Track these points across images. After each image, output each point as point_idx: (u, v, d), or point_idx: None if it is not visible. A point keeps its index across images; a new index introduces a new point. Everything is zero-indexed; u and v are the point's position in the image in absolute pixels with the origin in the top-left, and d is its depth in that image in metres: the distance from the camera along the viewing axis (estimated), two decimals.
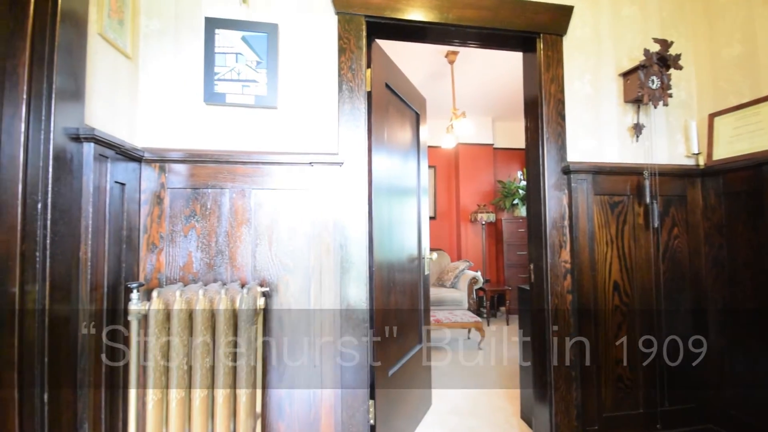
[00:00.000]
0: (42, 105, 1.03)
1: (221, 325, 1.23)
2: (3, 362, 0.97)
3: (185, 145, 1.53)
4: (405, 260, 2.19)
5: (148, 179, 1.47)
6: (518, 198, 5.36)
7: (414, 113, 2.48)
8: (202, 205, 1.51)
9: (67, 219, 1.09)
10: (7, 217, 0.98)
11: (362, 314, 1.58)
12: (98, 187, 1.19)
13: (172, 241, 1.48)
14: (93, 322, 1.17)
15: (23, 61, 1.02)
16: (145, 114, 1.51)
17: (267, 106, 1.57)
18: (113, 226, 1.28)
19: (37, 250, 1.01)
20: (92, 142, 1.15)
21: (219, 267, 1.51)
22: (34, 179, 1.02)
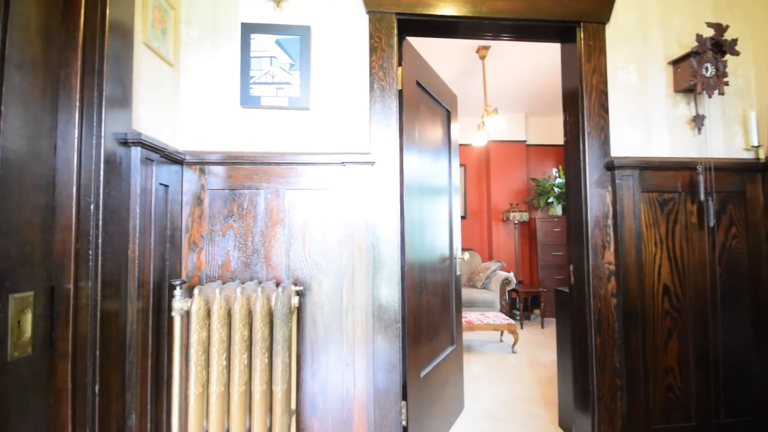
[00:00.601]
0: (93, 111, 1.09)
1: (258, 323, 1.25)
2: (58, 354, 1.03)
3: (223, 147, 1.58)
4: (436, 260, 2.15)
5: (189, 181, 1.53)
6: (553, 196, 5.17)
7: (445, 111, 2.44)
8: (239, 205, 1.55)
9: (117, 219, 1.15)
10: (62, 218, 1.05)
11: (394, 314, 1.57)
12: (144, 189, 1.25)
13: (212, 241, 1.53)
14: (140, 317, 1.23)
15: (75, 70, 1.08)
16: (186, 118, 1.57)
17: (300, 108, 1.59)
18: (158, 226, 1.34)
19: (90, 248, 1.07)
20: (139, 146, 1.21)
21: (255, 266, 1.54)
22: (86, 182, 1.08)
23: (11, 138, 0.92)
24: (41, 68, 1.01)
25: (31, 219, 0.98)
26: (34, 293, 0.98)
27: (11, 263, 0.92)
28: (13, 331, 0.92)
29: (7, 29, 0.90)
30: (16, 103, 0.94)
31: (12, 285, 0.92)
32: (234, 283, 1.42)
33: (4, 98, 0.90)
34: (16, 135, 0.93)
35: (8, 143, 0.91)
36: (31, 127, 0.98)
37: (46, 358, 1.02)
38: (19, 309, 0.93)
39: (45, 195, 1.02)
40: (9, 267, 0.91)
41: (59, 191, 1.05)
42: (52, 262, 1.04)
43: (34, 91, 0.99)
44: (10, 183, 0.91)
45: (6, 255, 0.90)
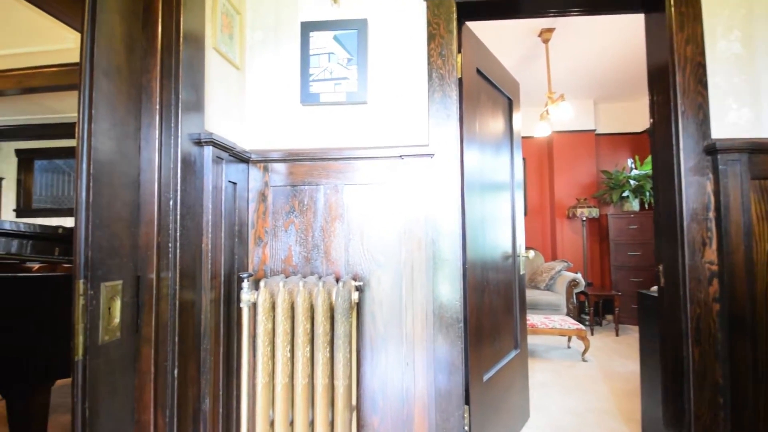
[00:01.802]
0: (171, 113, 1.16)
1: (319, 317, 1.26)
2: (143, 340, 1.12)
3: (285, 145, 1.62)
4: (498, 258, 2.03)
5: (254, 179, 1.59)
6: (629, 190, 4.68)
7: (506, 99, 2.29)
8: (300, 201, 1.58)
9: (192, 214, 1.22)
10: (146, 213, 1.13)
11: (455, 313, 1.49)
12: (215, 186, 1.31)
13: (275, 236, 1.58)
14: (212, 307, 1.29)
15: (155, 75, 1.16)
16: (251, 118, 1.63)
17: (357, 102, 1.57)
18: (227, 222, 1.40)
19: (170, 242, 1.14)
20: (211, 145, 1.27)
21: (315, 261, 1.56)
22: (166, 180, 1.15)
23: (101, 139, 1.00)
24: (125, 75, 1.10)
25: (120, 214, 1.06)
26: (123, 282, 1.06)
27: (103, 254, 1.00)
28: (104, 317, 1.00)
29: (95, 38, 0.98)
30: (104, 107, 1.02)
31: (103, 274, 1.00)
32: (296, 277, 1.44)
33: (94, 103, 0.99)
34: (105, 137, 1.02)
35: (99, 144, 0.99)
36: (118, 129, 1.06)
37: (132, 342, 1.11)
38: (109, 296, 1.02)
39: (131, 192, 1.10)
40: (101, 258, 0.99)
41: (143, 188, 1.13)
42: (138, 253, 1.12)
43: (119, 96, 1.07)
44: (102, 181, 1.00)
45: (99, 246, 0.99)
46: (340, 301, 1.25)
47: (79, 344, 0.94)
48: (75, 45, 3.46)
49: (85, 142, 0.96)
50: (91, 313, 0.96)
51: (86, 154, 0.96)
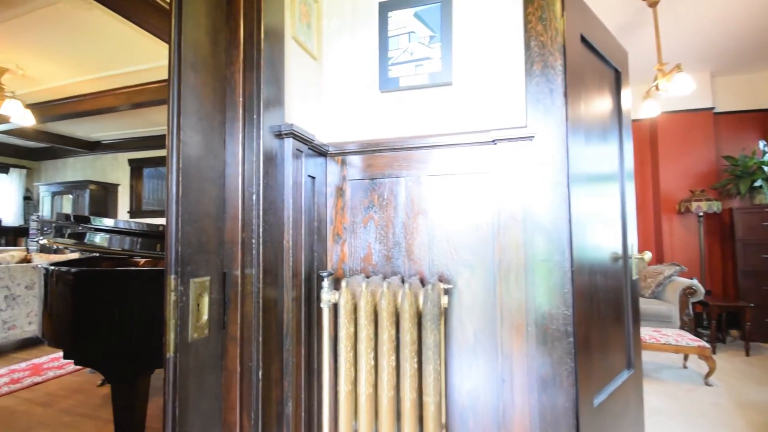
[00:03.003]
0: (254, 105, 1.12)
1: (406, 323, 1.13)
2: (229, 337, 1.09)
3: (362, 136, 1.52)
4: (607, 260, 1.72)
5: (332, 172, 1.52)
6: (761, 178, 3.84)
7: (613, 72, 1.95)
8: (379, 195, 1.47)
9: (273, 210, 1.17)
10: (231, 208, 1.10)
11: (563, 325, 1.26)
12: (296, 180, 1.26)
13: (354, 233, 1.49)
14: (294, 306, 1.24)
15: (238, 67, 1.13)
16: (327, 110, 1.57)
17: (441, 83, 1.41)
18: (307, 218, 1.34)
19: (253, 237, 1.10)
20: (291, 137, 1.21)
21: (396, 259, 1.44)
22: (249, 174, 1.12)
23: (189, 133, 0.99)
24: (210, 68, 1.08)
25: (208, 209, 1.05)
26: (210, 278, 1.05)
27: (192, 250, 0.98)
28: (193, 313, 0.99)
29: (182, 29, 0.97)
30: (191, 101, 1.00)
31: (192, 270, 0.99)
32: (377, 277, 1.33)
33: (182, 96, 0.97)
34: (192, 130, 1.00)
35: (187, 138, 0.98)
36: (204, 123, 1.05)
37: (219, 340, 1.09)
38: (198, 293, 1.00)
39: (217, 187, 1.08)
40: (190, 254, 0.98)
41: (228, 183, 1.11)
42: (223, 250, 1.10)
43: (205, 89, 1.05)
44: (190, 175, 0.98)
45: (188, 242, 0.97)
46: (429, 306, 1.11)
47: (171, 341, 0.93)
48: None
49: (174, 136, 0.94)
50: (182, 310, 0.95)
51: (175, 148, 0.94)
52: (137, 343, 1.60)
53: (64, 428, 2.31)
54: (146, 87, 4.46)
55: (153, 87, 4.44)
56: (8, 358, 3.58)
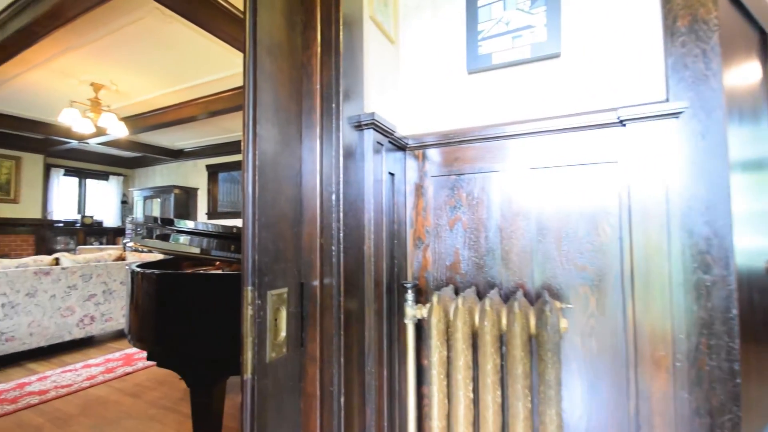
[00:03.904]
0: (332, 94, 0.99)
1: (516, 351, 0.91)
2: (308, 357, 0.96)
3: (446, 126, 1.33)
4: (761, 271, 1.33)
5: (411, 168, 1.35)
6: None
7: (758, 34, 1.54)
8: (468, 193, 1.27)
9: (353, 212, 1.03)
10: (309, 210, 0.98)
11: (723, 360, 0.95)
12: (377, 178, 1.10)
13: (438, 236, 1.31)
14: (375, 321, 1.09)
15: (315, 51, 1.00)
16: (406, 98, 1.40)
17: (547, 56, 1.17)
18: (387, 220, 1.19)
19: (333, 243, 0.96)
20: (372, 128, 1.06)
21: (490, 268, 1.22)
22: (327, 171, 0.98)
23: (266, 126, 0.87)
24: (286, 52, 0.96)
25: (284, 212, 0.93)
26: (288, 290, 0.93)
27: (269, 258, 0.87)
28: (270, 330, 0.87)
29: (257, 9, 0.85)
30: (267, 90, 0.89)
31: (270, 281, 0.87)
32: (470, 290, 1.13)
33: (258, 84, 0.86)
34: (269, 123, 0.89)
35: (263, 131, 0.86)
36: (281, 115, 0.93)
37: (297, 359, 0.96)
38: (275, 307, 0.89)
39: (293, 186, 0.97)
40: (267, 262, 0.86)
41: (305, 181, 0.98)
42: (300, 257, 0.98)
43: (281, 77, 0.94)
44: (266, 173, 0.87)
45: (265, 249, 0.86)
46: (549, 332, 0.89)
47: (248, 360, 0.82)
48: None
49: (251, 129, 0.83)
50: (259, 326, 0.84)
51: (251, 142, 0.83)
52: (212, 348, 1.57)
53: (149, 421, 2.43)
54: (220, 96, 4.70)
55: (226, 95, 4.66)
56: (105, 348, 3.96)
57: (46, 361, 3.52)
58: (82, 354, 3.75)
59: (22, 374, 3.15)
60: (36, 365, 3.40)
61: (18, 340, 3.28)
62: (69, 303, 3.68)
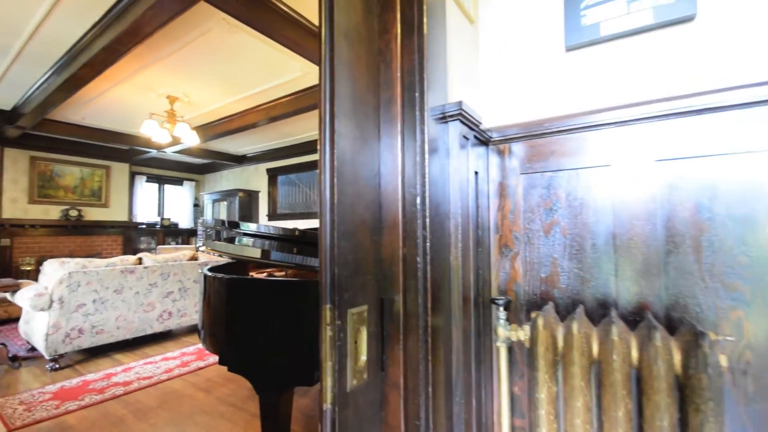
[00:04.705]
0: (415, 82, 0.86)
1: (659, 397, 0.71)
2: (390, 383, 0.84)
3: (537, 114, 1.14)
4: None
5: (495, 165, 1.18)
6: None
7: None
8: (569, 192, 1.07)
9: (438, 217, 0.89)
10: (389, 215, 0.86)
11: None
12: (462, 177, 0.96)
13: (529, 243, 1.12)
14: (463, 342, 0.94)
15: (395, 34, 0.88)
16: (487, 86, 1.23)
17: (676, 20, 0.94)
18: (473, 225, 1.03)
19: (418, 253, 0.83)
20: (458, 120, 0.92)
21: (599, 283, 1.02)
22: (410, 170, 0.86)
23: (344, 121, 0.77)
24: (364, 37, 0.85)
25: (363, 217, 0.82)
26: (368, 307, 0.81)
27: (349, 271, 0.76)
28: (351, 354, 0.76)
29: None
30: (345, 80, 0.78)
31: (350, 298, 0.76)
32: (579, 310, 0.94)
33: (336, 74, 0.75)
34: (347, 118, 0.78)
35: (341, 127, 0.76)
36: (359, 108, 0.82)
37: (378, 385, 0.85)
38: (355, 327, 0.77)
39: (372, 189, 0.85)
40: (347, 276, 0.75)
41: (385, 183, 0.87)
42: (381, 269, 0.86)
43: (359, 65, 0.83)
44: (345, 175, 0.76)
45: (345, 261, 0.75)
46: (710, 374, 0.68)
47: (327, 389, 0.72)
48: (302, 73, 4.02)
49: (328, 125, 0.73)
50: (340, 350, 0.73)
51: (329, 140, 0.73)
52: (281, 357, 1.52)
53: (219, 419, 2.50)
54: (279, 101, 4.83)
55: (285, 101, 4.78)
56: (181, 342, 4.22)
57: (131, 352, 3.82)
58: (161, 347, 4.03)
59: (110, 365, 3.44)
60: (122, 356, 3.71)
61: (107, 332, 3.60)
62: (150, 299, 3.98)
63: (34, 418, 2.37)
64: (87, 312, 3.45)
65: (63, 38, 3.10)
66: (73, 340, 3.35)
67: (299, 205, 7.53)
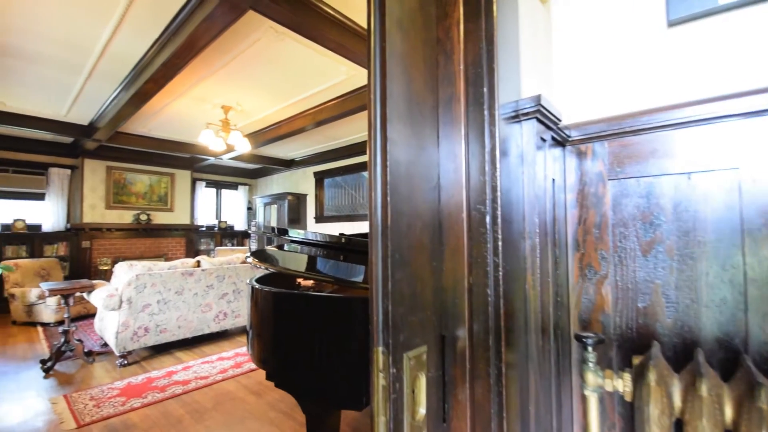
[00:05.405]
0: (482, 73, 0.71)
1: None
2: None
3: (629, 106, 0.94)
4: None
5: (574, 169, 0.99)
6: None
7: None
8: (677, 203, 0.85)
9: (510, 235, 0.73)
10: (451, 237, 0.72)
11: None
12: (538, 187, 0.79)
13: (621, 265, 0.92)
14: (541, 389, 0.77)
15: (457, 18, 0.74)
16: (561, 75, 1.04)
17: None
18: (550, 244, 0.86)
19: (488, 281, 0.68)
20: (534, 119, 0.75)
21: (719, 319, 0.79)
22: (476, 182, 0.71)
23: (397, 126, 0.64)
24: (420, 25, 0.72)
25: (421, 242, 0.68)
26: (427, 348, 0.68)
27: (404, 307, 0.63)
28: (408, 407, 0.63)
29: None
30: (399, 77, 0.66)
31: (406, 339, 0.63)
32: (699, 359, 0.73)
33: (389, 70, 0.63)
34: (401, 123, 0.65)
35: (395, 134, 0.63)
36: (414, 109, 0.69)
37: None
38: (413, 374, 0.64)
39: (431, 205, 0.71)
40: (402, 313, 0.62)
41: (446, 197, 0.73)
42: (441, 301, 0.72)
43: (414, 59, 0.70)
44: (400, 191, 0.63)
45: (400, 295, 0.62)
46: None
47: None
48: (347, 76, 3.98)
49: (379, 133, 0.61)
50: (395, 402, 0.60)
51: (380, 151, 0.61)
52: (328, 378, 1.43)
53: (269, 425, 2.49)
54: (325, 105, 4.84)
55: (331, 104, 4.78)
56: (235, 342, 4.37)
57: (190, 350, 4.02)
58: (217, 346, 4.20)
59: (171, 362, 3.63)
60: (182, 354, 3.90)
61: (169, 331, 3.81)
62: (207, 300, 4.16)
63: (102, 414, 2.53)
64: (152, 312, 3.66)
65: (128, 56, 3.32)
66: (140, 338, 3.58)
67: (345, 207, 7.57)
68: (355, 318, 1.42)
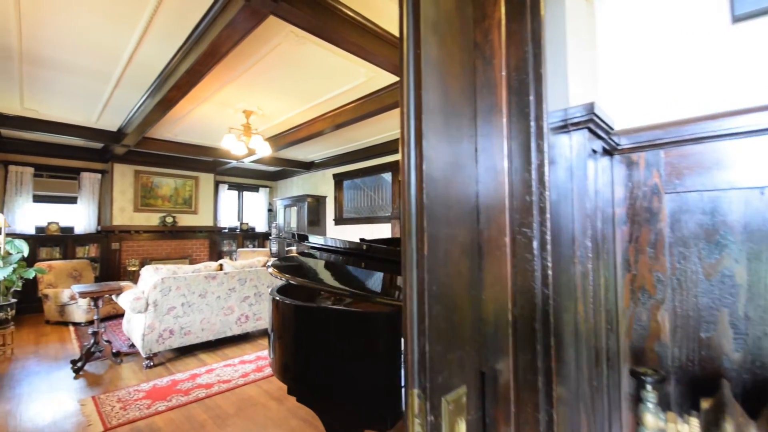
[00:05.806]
0: (527, 80, 0.63)
1: None
2: None
3: (688, 111, 0.84)
4: None
5: (622, 180, 0.90)
6: None
7: None
8: (748, 222, 0.75)
9: (561, 263, 0.65)
10: (491, 262, 0.64)
11: None
12: (590, 204, 0.70)
13: (681, 289, 0.82)
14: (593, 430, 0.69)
15: (498, 19, 0.66)
16: (607, 79, 0.95)
17: None
18: (601, 266, 0.77)
19: (536, 316, 0.61)
20: (586, 129, 0.67)
21: None
22: (520, 200, 0.63)
23: (432, 141, 0.57)
24: (457, 29, 0.65)
25: (458, 266, 0.61)
26: (467, 388, 0.61)
27: (441, 345, 0.56)
28: None
29: None
30: (434, 86, 0.59)
31: (444, 380, 0.56)
32: None
33: (424, 80, 0.56)
34: (436, 137, 0.58)
35: (430, 151, 0.56)
36: (451, 122, 0.62)
37: None
38: (452, 419, 0.58)
39: (469, 227, 0.64)
40: (439, 352, 0.56)
41: (484, 217, 0.65)
42: (480, 334, 0.65)
43: (451, 65, 0.63)
44: (437, 215, 0.56)
45: (437, 332, 0.55)
46: None
47: None
48: (366, 78, 3.93)
49: (413, 150, 0.54)
50: None
51: (415, 170, 0.54)
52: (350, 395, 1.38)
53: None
54: (344, 108, 4.82)
55: (350, 107, 4.75)
56: (256, 344, 4.39)
57: (213, 352, 4.06)
58: (239, 349, 4.23)
59: (195, 364, 3.67)
60: (205, 356, 3.95)
61: (193, 334, 3.86)
62: (230, 303, 4.20)
63: (128, 417, 2.56)
64: (177, 314, 3.72)
65: (154, 63, 3.38)
66: (165, 340, 3.64)
67: (364, 209, 7.53)
68: (378, 332, 1.36)
